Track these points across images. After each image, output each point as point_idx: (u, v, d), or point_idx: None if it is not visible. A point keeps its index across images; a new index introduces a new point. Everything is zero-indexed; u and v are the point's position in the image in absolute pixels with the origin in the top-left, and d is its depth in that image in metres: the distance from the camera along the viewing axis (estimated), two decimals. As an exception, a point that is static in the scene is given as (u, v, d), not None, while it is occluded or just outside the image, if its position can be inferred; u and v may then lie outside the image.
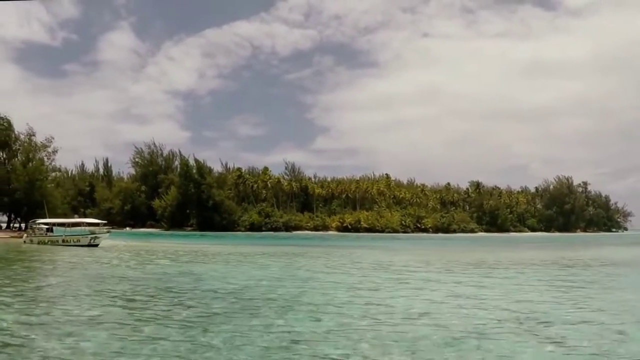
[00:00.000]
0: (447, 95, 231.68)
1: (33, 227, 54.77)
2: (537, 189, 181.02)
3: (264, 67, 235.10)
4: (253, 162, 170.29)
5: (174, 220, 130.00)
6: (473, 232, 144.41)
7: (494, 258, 38.94)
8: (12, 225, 75.58)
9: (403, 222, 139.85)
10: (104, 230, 51.45)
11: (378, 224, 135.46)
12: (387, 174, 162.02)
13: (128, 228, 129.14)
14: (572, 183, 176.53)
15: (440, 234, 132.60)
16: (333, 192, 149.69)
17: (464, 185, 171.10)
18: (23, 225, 69.62)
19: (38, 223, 54.39)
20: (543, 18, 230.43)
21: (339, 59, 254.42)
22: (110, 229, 55.42)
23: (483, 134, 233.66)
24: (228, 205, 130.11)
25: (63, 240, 48.42)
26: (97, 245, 46.80)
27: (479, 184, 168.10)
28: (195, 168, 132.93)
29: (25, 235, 53.19)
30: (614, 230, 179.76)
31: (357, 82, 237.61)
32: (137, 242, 60.29)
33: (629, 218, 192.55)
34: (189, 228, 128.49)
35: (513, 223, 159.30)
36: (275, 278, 22.40)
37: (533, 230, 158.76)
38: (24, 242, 50.36)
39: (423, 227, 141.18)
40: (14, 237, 57.07)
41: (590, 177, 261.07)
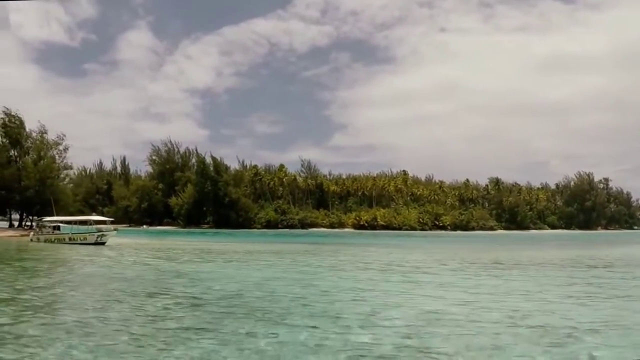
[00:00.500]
0: (465, 91, 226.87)
1: (39, 225, 54.64)
2: (557, 186, 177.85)
3: (281, 64, 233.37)
4: (271, 159, 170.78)
5: (191, 218, 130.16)
6: (492, 229, 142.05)
7: (513, 257, 37.49)
8: (24, 224, 76.00)
9: (421, 219, 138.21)
10: (111, 228, 50.84)
11: (395, 222, 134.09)
12: (404, 171, 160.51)
13: (145, 226, 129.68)
14: (593, 179, 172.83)
15: (459, 232, 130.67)
16: (349, 189, 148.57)
17: (483, 182, 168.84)
18: (35, 224, 69.46)
19: (45, 221, 54.18)
20: (562, 11, 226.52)
21: (356, 55, 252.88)
22: (117, 227, 54.76)
23: (502, 130, 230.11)
24: (244, 203, 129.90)
25: (70, 239, 48.04)
26: (104, 244, 46.36)
27: (498, 181, 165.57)
28: (212, 166, 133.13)
29: (32, 234, 52.86)
30: (636, 228, 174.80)
31: (374, 78, 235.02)
32: (146, 240, 60.02)
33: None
34: (206, 226, 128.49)
35: (533, 220, 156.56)
36: (274, 279, 21.38)
37: (553, 228, 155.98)
38: (31, 240, 50.04)
39: (441, 224, 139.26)
40: (24, 235, 57.02)
41: (611, 173, 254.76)
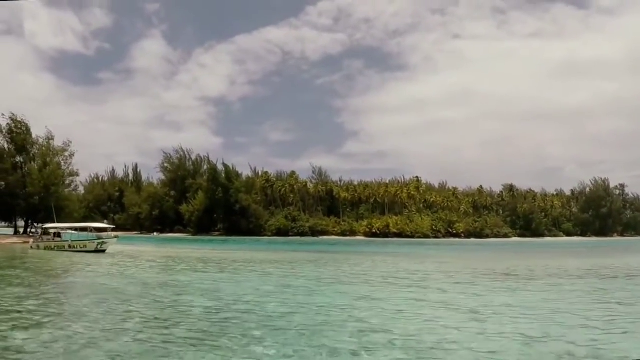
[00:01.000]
0: (479, 97, 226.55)
1: (40, 232, 53.83)
2: (572, 192, 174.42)
3: (294, 72, 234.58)
4: (284, 167, 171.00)
5: (201, 225, 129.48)
6: (506, 237, 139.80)
7: (527, 267, 35.40)
8: (29, 230, 75.14)
9: (434, 227, 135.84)
10: (112, 236, 49.67)
11: (408, 229, 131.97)
12: (417, 177, 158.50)
13: (156, 233, 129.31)
14: (608, 185, 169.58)
15: (473, 239, 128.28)
16: (360, 196, 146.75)
17: (497, 189, 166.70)
18: (35, 231, 68.81)
19: (44, 228, 53.32)
20: (576, 17, 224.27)
21: (369, 63, 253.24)
22: (118, 234, 53.72)
23: (516, 136, 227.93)
24: (255, 210, 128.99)
25: (69, 246, 47.03)
26: (104, 251, 45.26)
27: (513, 187, 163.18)
28: (224, 172, 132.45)
29: (32, 241, 51.98)
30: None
31: (387, 85, 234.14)
32: (148, 247, 58.94)
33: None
34: (217, 233, 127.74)
35: (548, 227, 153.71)
36: (265, 293, 19.79)
37: (568, 235, 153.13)
38: (31, 247, 49.12)
39: (455, 232, 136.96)
40: (27, 242, 56.20)
41: (627, 179, 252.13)
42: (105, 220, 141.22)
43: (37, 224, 73.45)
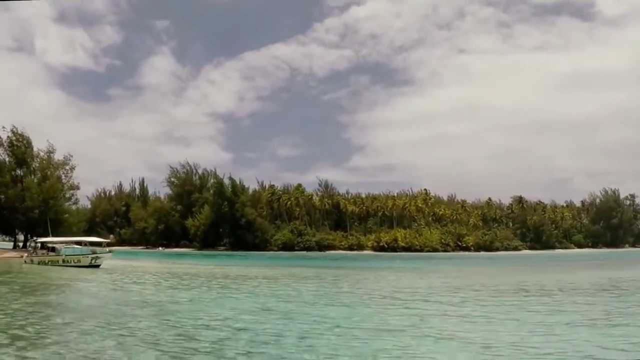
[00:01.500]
0: (485, 110, 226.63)
1: (33, 246, 52.82)
2: (582, 203, 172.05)
3: (302, 88, 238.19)
4: (292, 181, 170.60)
5: (207, 240, 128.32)
6: (517, 249, 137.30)
7: (539, 282, 33.60)
8: (28, 244, 73.65)
9: (443, 240, 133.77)
10: (106, 250, 48.29)
11: (416, 243, 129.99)
12: (425, 189, 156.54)
13: (161, 248, 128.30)
14: (618, 196, 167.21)
15: (482, 253, 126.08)
16: (368, 209, 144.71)
17: (506, 201, 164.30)
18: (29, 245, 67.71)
19: (38, 242, 52.22)
20: (580, 29, 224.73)
21: (376, 78, 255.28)
22: (112, 249, 52.37)
23: (524, 148, 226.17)
24: (260, 224, 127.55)
25: (63, 261, 45.62)
26: (98, 266, 44.01)
27: (522, 199, 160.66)
28: (230, 186, 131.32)
29: (26, 255, 50.89)
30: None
31: (393, 100, 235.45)
32: (144, 262, 57.76)
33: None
34: (222, 248, 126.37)
35: (558, 239, 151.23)
36: (243, 313, 18.22)
37: (579, 247, 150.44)
38: (25, 262, 48.03)
39: (464, 245, 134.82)
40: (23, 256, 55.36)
41: (637, 189, 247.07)
42: (111, 235, 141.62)
43: (34, 238, 72.63)
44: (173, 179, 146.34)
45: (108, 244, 54.01)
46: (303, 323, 16.37)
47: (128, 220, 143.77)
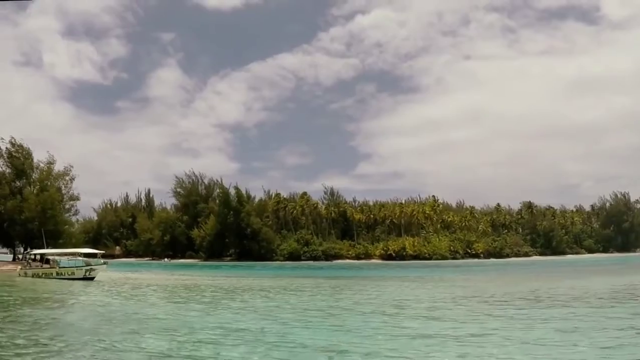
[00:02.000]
0: (492, 116, 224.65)
1: (27, 258, 51.83)
2: (592, 208, 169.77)
3: (308, 97, 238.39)
4: (299, 190, 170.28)
5: (213, 250, 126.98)
6: (527, 255, 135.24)
7: (551, 290, 31.63)
8: (22, 257, 72.55)
9: (452, 247, 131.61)
10: (101, 262, 46.89)
11: (425, 251, 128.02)
12: (433, 196, 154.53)
13: (166, 259, 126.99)
14: (629, 199, 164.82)
15: (492, 259, 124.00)
16: (375, 217, 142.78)
17: (515, 207, 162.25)
18: (22, 257, 66.62)
19: (31, 254, 51.22)
20: (586, 33, 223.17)
21: (381, 86, 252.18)
22: (107, 261, 51.09)
23: (531, 154, 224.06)
24: (265, 233, 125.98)
25: (57, 273, 44.49)
26: (92, 279, 42.80)
27: (531, 205, 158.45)
28: (235, 196, 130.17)
29: (20, 268, 49.78)
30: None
31: (399, 107, 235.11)
32: (140, 274, 56.75)
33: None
34: (228, 258, 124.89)
35: (569, 244, 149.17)
36: (219, 330, 16.55)
37: (590, 252, 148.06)
38: (19, 274, 46.87)
39: (474, 252, 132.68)
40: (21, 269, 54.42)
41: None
42: (118, 247, 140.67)
43: (27, 250, 71.73)
44: (179, 190, 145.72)
45: (113, 256, 53.07)
46: (292, 336, 14.97)
47: (134, 232, 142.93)
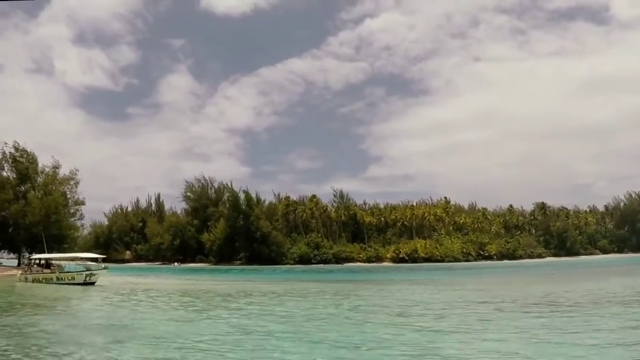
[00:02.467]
0: (503, 118, 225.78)
1: (27, 263, 51.22)
2: (606, 208, 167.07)
3: (318, 101, 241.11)
4: (310, 193, 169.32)
5: (222, 254, 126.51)
6: (540, 257, 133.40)
7: (566, 293, 29.96)
8: (23, 262, 72.29)
9: (464, 249, 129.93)
10: (101, 267, 45.87)
11: (437, 253, 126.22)
12: (445, 198, 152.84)
13: (176, 263, 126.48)
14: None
15: (505, 261, 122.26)
16: (386, 220, 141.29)
17: (527, 208, 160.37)
18: (23, 262, 66.13)
19: (32, 258, 50.62)
20: (596, 33, 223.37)
21: (391, 89, 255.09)
22: (107, 265, 50.00)
23: (543, 154, 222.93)
24: (275, 237, 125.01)
25: (57, 278, 43.71)
26: (93, 284, 42.08)
27: (544, 205, 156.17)
28: (245, 200, 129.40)
29: (20, 273, 49.22)
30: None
31: (409, 110, 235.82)
32: (142, 279, 56.01)
33: None
34: (238, 262, 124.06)
35: (583, 245, 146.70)
36: (198, 344, 14.84)
37: (605, 252, 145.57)
38: (19, 279, 46.33)
39: (487, 254, 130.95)
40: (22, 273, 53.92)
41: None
42: (128, 251, 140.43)
43: (27, 255, 71.32)
44: (189, 194, 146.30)
45: (124, 260, 52.36)
46: (281, 350, 13.76)
47: (144, 236, 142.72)
